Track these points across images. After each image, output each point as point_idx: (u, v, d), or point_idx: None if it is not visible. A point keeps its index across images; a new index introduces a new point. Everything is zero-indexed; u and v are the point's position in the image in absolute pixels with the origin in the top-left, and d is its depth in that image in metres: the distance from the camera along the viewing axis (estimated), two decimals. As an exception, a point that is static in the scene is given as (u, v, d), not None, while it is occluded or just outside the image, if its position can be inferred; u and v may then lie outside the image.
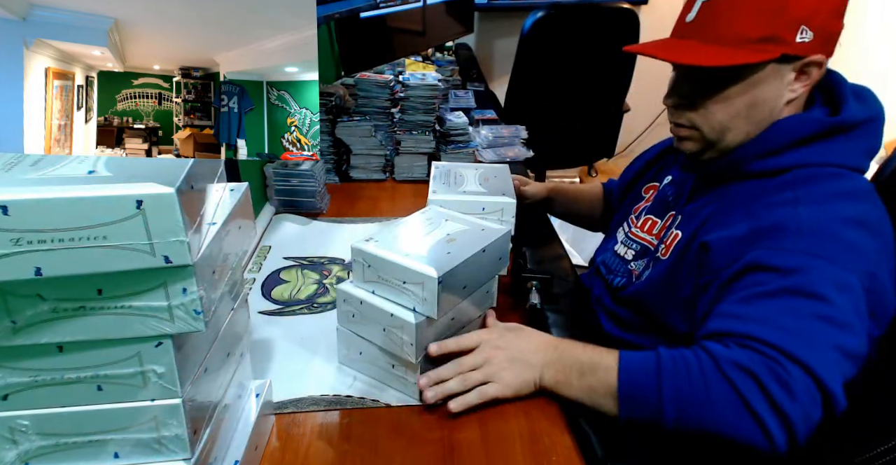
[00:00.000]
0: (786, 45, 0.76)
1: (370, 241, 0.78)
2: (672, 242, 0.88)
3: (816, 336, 0.66)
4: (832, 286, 0.68)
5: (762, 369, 0.63)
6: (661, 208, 0.97)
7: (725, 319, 0.71)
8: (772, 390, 0.63)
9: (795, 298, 0.68)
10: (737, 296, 0.72)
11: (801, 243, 0.71)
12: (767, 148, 0.81)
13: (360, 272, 0.78)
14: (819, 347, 0.65)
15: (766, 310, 0.68)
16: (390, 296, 0.77)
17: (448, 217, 0.88)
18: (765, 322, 0.67)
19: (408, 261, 0.74)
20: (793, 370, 0.63)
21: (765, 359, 0.64)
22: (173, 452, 0.55)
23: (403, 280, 0.74)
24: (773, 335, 0.65)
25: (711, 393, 0.65)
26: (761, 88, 0.80)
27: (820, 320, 0.66)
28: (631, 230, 1.01)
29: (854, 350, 0.67)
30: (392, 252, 0.76)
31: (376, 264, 0.76)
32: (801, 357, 0.63)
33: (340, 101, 1.53)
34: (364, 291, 0.78)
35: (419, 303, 0.74)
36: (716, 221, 0.82)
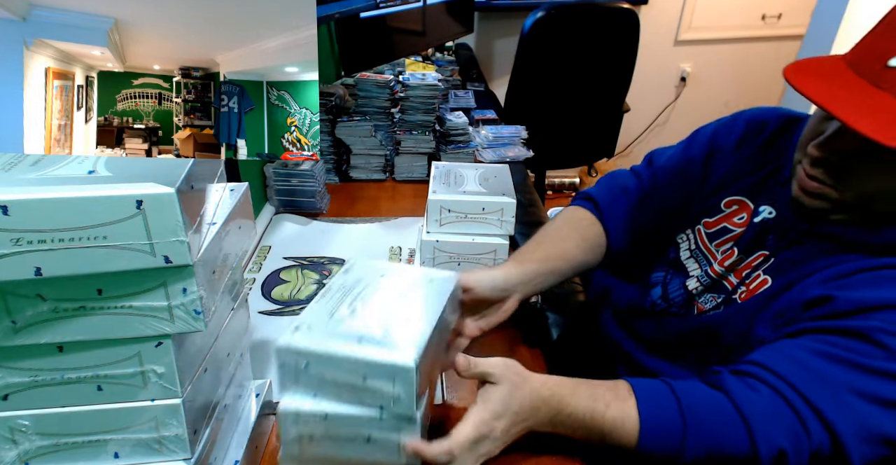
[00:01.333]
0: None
1: (298, 331, 0.59)
2: (757, 288, 0.77)
3: (870, 419, 0.60)
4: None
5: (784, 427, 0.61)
6: (750, 245, 0.81)
7: (784, 359, 0.64)
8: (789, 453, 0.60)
9: (878, 380, 0.60)
10: (817, 346, 0.63)
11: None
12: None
13: (291, 376, 0.60)
14: (866, 428, 0.60)
15: (833, 373, 0.61)
16: (341, 400, 0.60)
17: (382, 272, 0.71)
18: (822, 383, 0.61)
19: (366, 350, 0.58)
20: (815, 433, 0.60)
21: (792, 413, 0.61)
22: (173, 452, 0.55)
23: (363, 376, 0.58)
24: (820, 397, 0.60)
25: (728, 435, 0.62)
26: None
27: (887, 406, 0.60)
28: (713, 267, 0.84)
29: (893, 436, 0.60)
30: (338, 341, 0.58)
31: (318, 362, 0.58)
32: (836, 426, 0.60)
33: (340, 101, 1.53)
34: (311, 401, 0.60)
35: (389, 402, 0.59)
36: (827, 277, 0.70)
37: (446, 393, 0.85)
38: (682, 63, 3.24)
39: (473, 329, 0.82)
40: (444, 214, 0.96)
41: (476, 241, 0.95)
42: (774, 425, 0.61)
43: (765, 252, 0.79)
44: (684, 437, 0.62)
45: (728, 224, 0.85)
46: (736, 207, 0.85)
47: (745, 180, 0.85)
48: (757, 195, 0.83)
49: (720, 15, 3.09)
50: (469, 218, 0.96)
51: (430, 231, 0.98)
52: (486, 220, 0.96)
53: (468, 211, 0.95)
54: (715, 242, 0.86)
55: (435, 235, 0.98)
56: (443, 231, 0.98)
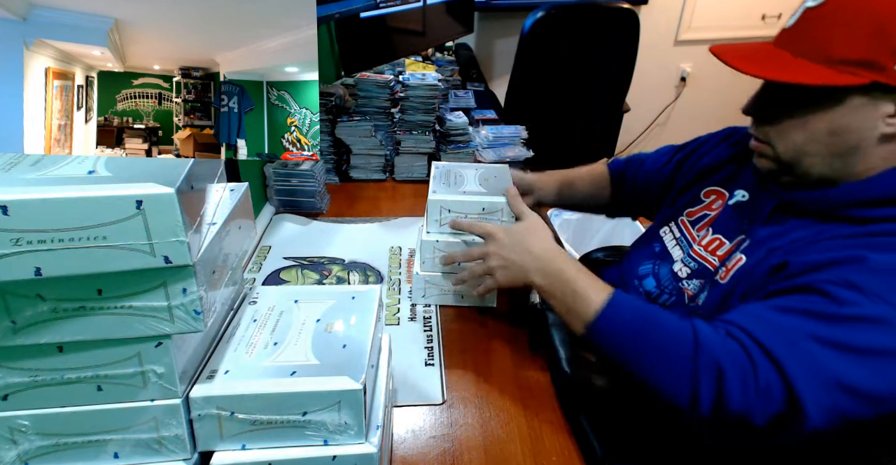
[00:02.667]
0: (881, 73, 0.67)
1: (215, 378, 0.55)
2: (734, 266, 0.81)
3: (822, 360, 0.61)
4: (876, 324, 0.61)
5: (730, 360, 0.62)
6: (731, 229, 0.87)
7: (743, 314, 0.67)
8: (727, 377, 0.62)
9: (827, 324, 0.62)
10: (773, 303, 0.67)
11: (869, 280, 0.64)
12: (879, 195, 0.72)
13: (215, 425, 0.55)
14: (817, 368, 0.61)
15: (785, 321, 0.64)
16: (278, 442, 0.57)
17: (297, 297, 0.67)
18: (774, 328, 0.63)
19: (304, 383, 0.55)
20: (762, 368, 0.61)
21: (741, 351, 0.63)
22: (173, 452, 0.55)
23: (302, 411, 0.55)
24: (770, 339, 0.62)
25: (673, 363, 0.65)
26: (846, 116, 0.71)
27: (839, 349, 0.61)
28: (693, 248, 0.90)
29: (865, 390, 0.60)
30: (266, 381, 0.55)
31: (247, 405, 0.55)
32: (776, 355, 0.61)
33: (340, 101, 1.53)
34: (244, 453, 0.57)
35: (336, 431, 0.57)
36: (795, 247, 0.75)
37: (446, 393, 0.85)
38: (682, 63, 3.24)
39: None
40: (444, 214, 0.96)
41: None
42: (721, 350, 0.63)
43: (742, 235, 0.84)
44: (641, 324, 0.68)
45: (707, 211, 0.93)
46: (714, 196, 0.94)
47: (722, 172, 0.95)
48: (732, 183, 0.92)
49: (720, 15, 3.09)
50: (469, 218, 0.96)
51: (430, 231, 0.98)
52: (486, 220, 0.96)
53: (468, 211, 0.95)
54: (696, 226, 0.93)
55: (435, 235, 0.98)
56: (442, 231, 0.98)
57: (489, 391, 0.85)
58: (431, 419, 0.80)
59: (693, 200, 0.96)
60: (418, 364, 0.90)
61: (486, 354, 0.93)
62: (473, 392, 0.85)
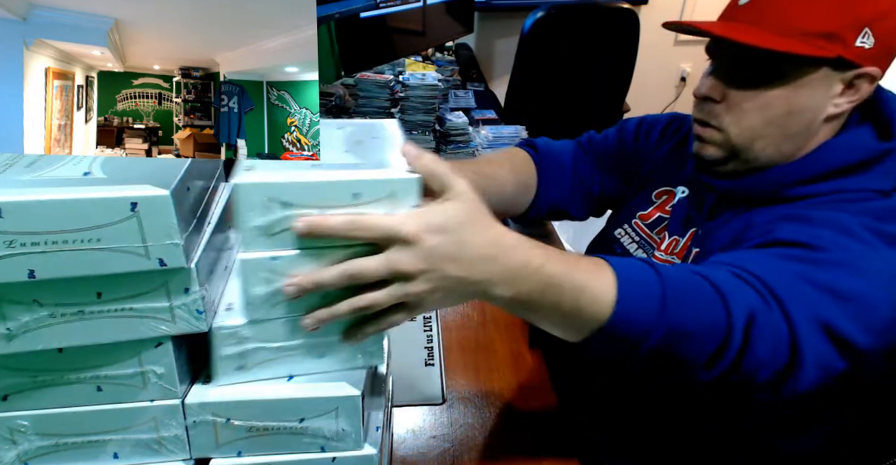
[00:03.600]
0: (844, 47, 0.67)
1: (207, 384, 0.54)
2: (692, 259, 0.81)
3: (815, 302, 0.59)
4: (847, 269, 0.62)
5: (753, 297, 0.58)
6: (682, 226, 0.86)
7: (732, 255, 0.65)
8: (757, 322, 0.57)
9: (809, 265, 0.61)
10: (753, 250, 0.66)
11: (823, 232, 0.65)
12: (812, 173, 0.73)
13: (211, 432, 0.54)
14: (813, 314, 0.59)
15: (776, 262, 0.63)
16: (275, 450, 0.56)
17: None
18: (770, 269, 0.61)
19: (301, 389, 0.54)
20: (774, 310, 0.58)
21: (753, 290, 0.59)
22: (173, 452, 0.55)
23: (299, 418, 0.55)
24: (772, 279, 0.59)
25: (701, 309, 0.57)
26: (804, 95, 0.70)
27: (824, 290, 0.60)
28: (655, 253, 0.88)
29: (840, 330, 0.59)
30: (262, 388, 0.54)
31: (243, 411, 0.54)
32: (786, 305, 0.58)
33: (340, 101, 1.53)
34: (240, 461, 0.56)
35: (333, 438, 0.56)
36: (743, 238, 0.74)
37: (446, 393, 0.85)
38: (682, 63, 3.23)
39: None
40: (276, 211, 0.48)
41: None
42: (742, 295, 0.58)
43: (693, 229, 0.83)
44: (663, 299, 0.55)
45: (661, 213, 0.90)
46: (665, 197, 0.91)
47: (669, 170, 0.91)
48: (676, 181, 0.89)
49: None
50: (338, 213, 0.49)
51: (250, 243, 0.49)
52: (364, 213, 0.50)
53: (324, 202, 0.49)
54: (655, 230, 0.90)
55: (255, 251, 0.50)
56: (276, 244, 0.49)
57: (489, 391, 0.86)
58: (431, 419, 0.80)
59: (645, 203, 0.92)
60: (418, 364, 0.90)
61: (486, 354, 0.93)
62: (473, 392, 0.85)
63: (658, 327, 0.54)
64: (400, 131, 0.61)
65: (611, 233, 0.96)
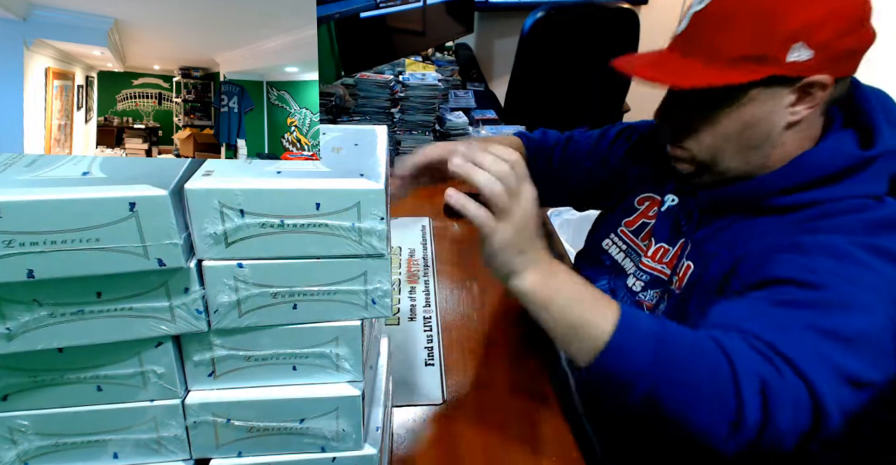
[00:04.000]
0: (776, 66, 0.68)
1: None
2: (685, 274, 0.80)
3: (827, 354, 0.59)
4: (849, 307, 0.61)
5: (767, 370, 0.57)
6: (671, 235, 0.86)
7: (730, 314, 0.65)
8: (772, 396, 0.56)
9: (810, 311, 0.61)
10: (749, 299, 0.66)
11: (817, 262, 0.64)
12: (794, 183, 0.73)
13: (211, 433, 0.55)
14: (828, 367, 0.58)
15: (777, 314, 0.62)
16: (275, 450, 0.57)
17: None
18: (772, 326, 0.61)
19: (302, 389, 0.55)
20: (789, 378, 0.57)
21: (764, 359, 0.58)
22: (173, 452, 0.55)
23: (300, 418, 0.55)
24: (780, 340, 0.59)
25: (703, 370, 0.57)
26: (752, 110, 0.72)
27: (834, 339, 0.60)
28: (642, 261, 0.88)
29: (865, 378, 0.60)
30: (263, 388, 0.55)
31: (244, 411, 0.54)
32: (800, 366, 0.57)
33: (340, 101, 1.53)
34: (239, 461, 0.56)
35: (333, 438, 0.56)
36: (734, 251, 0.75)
37: (446, 393, 0.85)
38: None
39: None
40: (233, 220, 0.48)
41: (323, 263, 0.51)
42: (751, 360, 0.57)
43: (683, 239, 0.83)
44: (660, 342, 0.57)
45: (645, 219, 0.91)
46: (648, 203, 0.92)
47: (652, 177, 0.92)
48: (662, 188, 0.89)
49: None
50: (290, 228, 0.49)
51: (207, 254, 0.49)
52: (327, 230, 0.50)
53: (286, 213, 0.48)
54: (639, 236, 0.91)
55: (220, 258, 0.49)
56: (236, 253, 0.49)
57: (489, 391, 0.86)
58: (431, 419, 0.80)
59: (629, 210, 0.94)
60: (418, 364, 0.90)
61: (486, 354, 0.93)
62: (473, 392, 0.85)
63: (650, 373, 0.57)
64: (385, 139, 0.60)
65: (598, 244, 0.97)
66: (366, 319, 0.54)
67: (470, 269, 1.17)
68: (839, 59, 0.69)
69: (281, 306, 0.51)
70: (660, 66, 0.75)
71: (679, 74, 0.72)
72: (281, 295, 0.51)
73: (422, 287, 1.10)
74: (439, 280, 1.12)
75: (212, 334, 0.52)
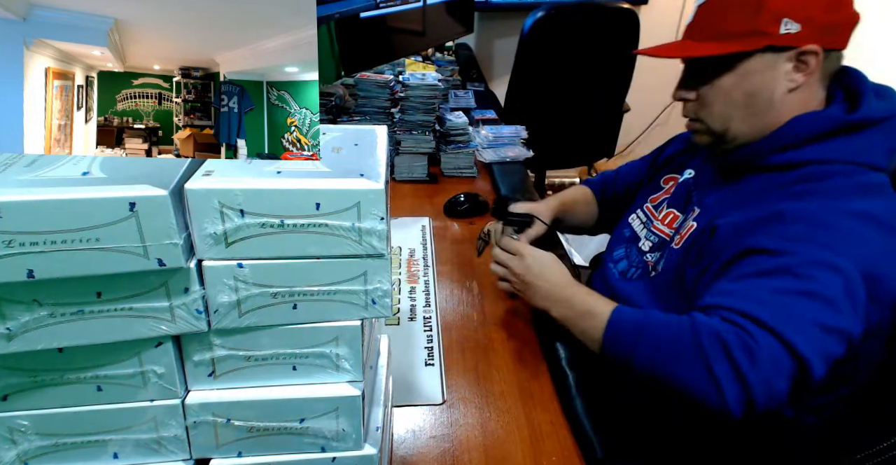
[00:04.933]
0: (770, 38, 0.80)
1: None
2: (687, 232, 0.91)
3: (794, 309, 0.70)
4: (818, 266, 0.71)
5: (731, 337, 0.68)
6: (682, 202, 0.99)
7: (715, 295, 0.75)
8: (735, 355, 0.67)
9: (781, 277, 0.72)
10: (730, 276, 0.76)
11: (793, 229, 0.75)
12: (784, 142, 0.84)
13: (211, 433, 0.54)
14: (795, 318, 0.69)
15: (751, 286, 0.73)
16: (275, 450, 0.57)
17: None
18: (747, 297, 0.72)
19: (302, 389, 0.54)
20: (760, 338, 0.68)
21: (736, 328, 0.69)
22: (173, 452, 0.55)
23: (300, 418, 0.55)
24: (751, 307, 0.70)
25: (681, 351, 0.71)
26: (754, 78, 0.84)
27: (800, 295, 0.70)
28: (653, 224, 1.02)
29: (836, 325, 0.70)
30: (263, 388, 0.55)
31: (244, 411, 0.54)
32: (774, 326, 0.68)
33: (340, 101, 1.53)
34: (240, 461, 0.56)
35: (333, 438, 0.56)
36: (728, 209, 0.85)
37: (446, 393, 0.85)
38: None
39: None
40: (234, 220, 0.48)
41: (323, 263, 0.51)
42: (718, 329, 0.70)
43: (693, 206, 0.95)
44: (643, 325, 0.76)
45: (666, 195, 1.05)
46: (672, 183, 1.07)
47: (676, 161, 1.10)
48: (683, 168, 1.05)
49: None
50: (290, 228, 0.49)
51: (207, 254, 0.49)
52: (327, 230, 0.50)
53: (286, 213, 0.48)
54: (658, 209, 1.05)
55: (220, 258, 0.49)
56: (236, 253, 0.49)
57: (489, 391, 0.86)
58: (431, 419, 0.80)
59: (655, 188, 1.09)
60: (418, 364, 0.90)
61: (486, 354, 0.93)
62: (473, 392, 0.85)
63: (640, 354, 0.74)
64: (385, 139, 0.60)
65: (626, 219, 1.11)
66: (366, 319, 0.54)
67: (470, 269, 1.17)
68: (825, 32, 0.81)
69: (281, 306, 0.52)
70: (675, 47, 0.91)
71: (691, 49, 0.87)
72: (281, 295, 0.51)
73: (422, 287, 1.10)
74: (439, 280, 1.12)
75: (212, 334, 0.52)
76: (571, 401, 0.83)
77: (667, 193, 1.05)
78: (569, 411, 0.82)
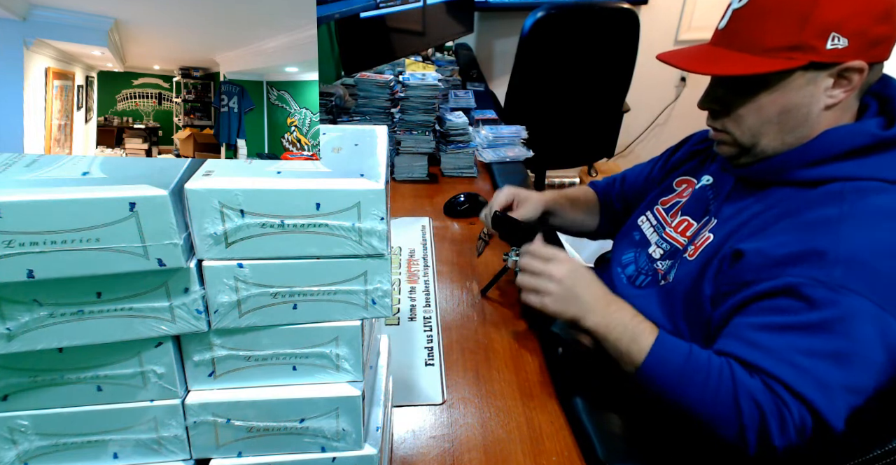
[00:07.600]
0: (815, 53, 0.74)
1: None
2: (702, 244, 0.86)
3: (829, 377, 0.68)
4: (857, 320, 0.68)
5: (769, 406, 0.68)
6: (699, 211, 0.94)
7: (745, 345, 0.73)
8: (770, 424, 0.68)
9: (819, 334, 0.69)
10: (760, 319, 0.73)
11: (834, 274, 0.70)
12: (813, 158, 0.79)
13: (211, 433, 0.55)
14: (831, 389, 0.68)
15: (789, 346, 0.70)
16: (275, 450, 0.57)
17: None
18: (784, 360, 0.70)
19: (302, 390, 0.55)
20: (795, 410, 0.68)
21: (774, 397, 0.69)
22: (173, 452, 0.55)
23: (300, 418, 0.55)
24: (789, 376, 0.69)
25: (719, 401, 0.71)
26: (792, 95, 0.78)
27: (837, 358, 0.69)
28: (665, 231, 0.97)
29: (867, 385, 0.70)
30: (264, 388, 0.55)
31: (244, 411, 0.54)
32: (812, 400, 0.67)
33: (340, 101, 1.53)
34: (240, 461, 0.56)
35: (333, 438, 0.56)
36: (754, 228, 0.81)
37: (446, 393, 0.85)
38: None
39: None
40: (234, 220, 0.48)
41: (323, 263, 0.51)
42: (757, 395, 0.70)
43: (709, 216, 0.90)
44: (682, 367, 0.74)
45: (679, 198, 1.00)
46: (685, 185, 1.02)
47: (691, 163, 1.05)
48: (699, 172, 1.00)
49: (720, 15, 3.08)
50: (290, 228, 0.49)
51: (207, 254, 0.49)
52: (327, 230, 0.50)
53: (286, 213, 0.49)
54: (670, 213, 1.00)
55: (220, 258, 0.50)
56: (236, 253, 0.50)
57: (489, 391, 0.86)
58: (431, 419, 0.80)
59: (666, 190, 1.04)
60: (418, 364, 0.90)
61: (486, 354, 0.93)
62: (473, 392, 0.85)
63: (675, 390, 0.74)
64: (385, 139, 0.60)
65: (635, 221, 1.07)
66: (366, 319, 0.54)
67: (470, 269, 1.17)
68: (872, 46, 0.74)
69: (281, 306, 0.52)
70: (707, 59, 0.82)
71: (728, 65, 0.79)
72: (281, 295, 0.51)
73: (422, 287, 1.10)
74: (439, 280, 1.12)
75: (212, 334, 0.52)
76: (571, 401, 0.83)
77: (680, 196, 1.00)
78: (569, 411, 0.82)
